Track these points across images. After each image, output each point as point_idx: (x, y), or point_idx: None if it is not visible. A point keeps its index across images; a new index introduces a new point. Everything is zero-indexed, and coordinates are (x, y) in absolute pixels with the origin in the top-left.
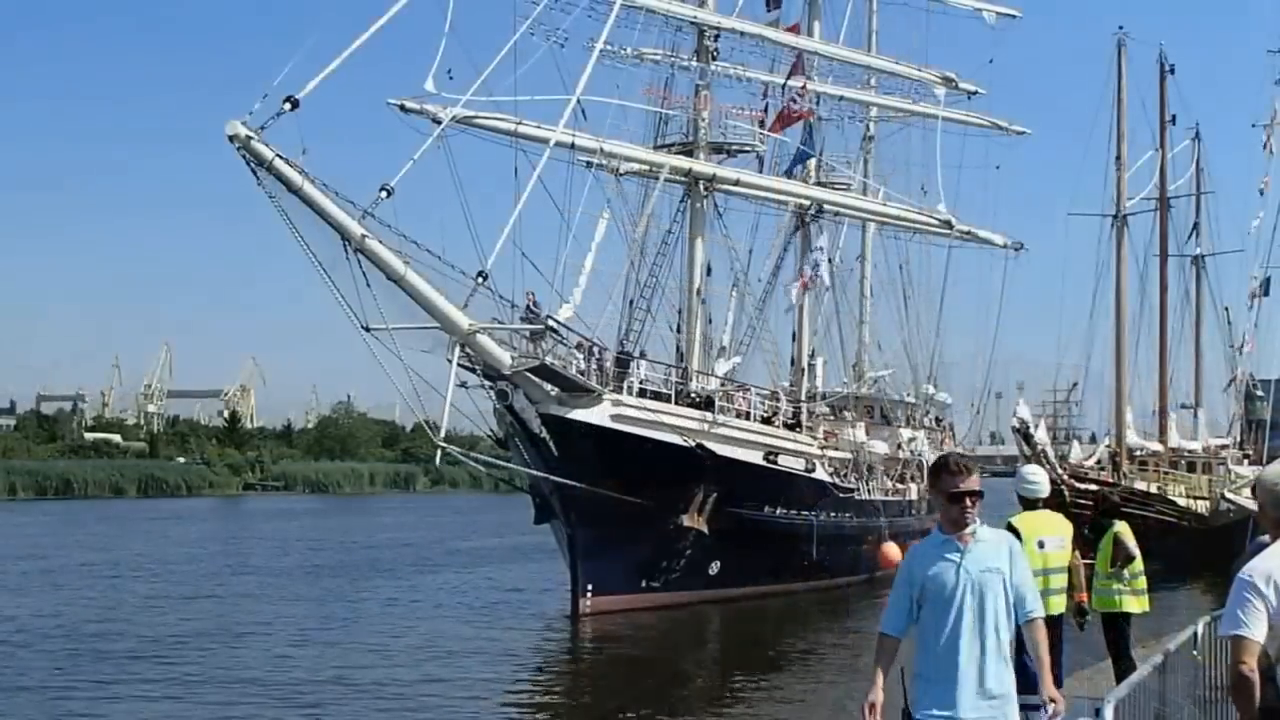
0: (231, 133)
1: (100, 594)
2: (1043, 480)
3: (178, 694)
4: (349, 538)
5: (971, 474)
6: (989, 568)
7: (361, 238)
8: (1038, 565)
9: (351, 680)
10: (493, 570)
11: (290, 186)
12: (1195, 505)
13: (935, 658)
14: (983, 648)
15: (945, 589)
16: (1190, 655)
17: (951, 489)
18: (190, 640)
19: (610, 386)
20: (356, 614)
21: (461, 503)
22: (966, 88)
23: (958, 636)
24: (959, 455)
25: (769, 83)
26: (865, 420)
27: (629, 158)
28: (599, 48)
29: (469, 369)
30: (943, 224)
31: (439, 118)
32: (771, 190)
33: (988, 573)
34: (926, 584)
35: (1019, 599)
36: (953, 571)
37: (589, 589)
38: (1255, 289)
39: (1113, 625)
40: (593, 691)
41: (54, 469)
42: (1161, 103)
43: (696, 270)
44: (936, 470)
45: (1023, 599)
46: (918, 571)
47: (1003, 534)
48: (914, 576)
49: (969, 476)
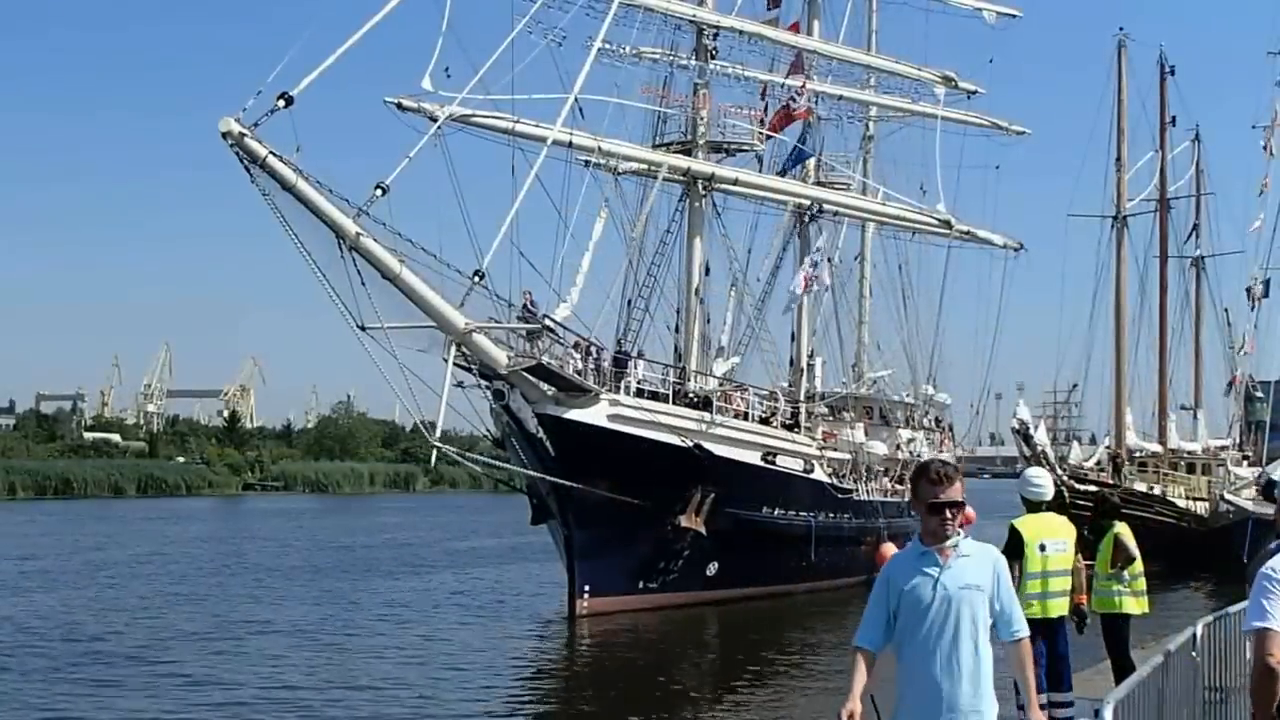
0: (224, 129)
1: (98, 594)
2: (1047, 482)
3: (172, 696)
4: (347, 538)
5: (954, 483)
6: (969, 584)
7: (356, 236)
8: (1039, 568)
9: (347, 681)
10: (490, 570)
11: (284, 184)
12: (1194, 506)
13: (909, 675)
14: (959, 668)
15: (921, 604)
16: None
17: (931, 499)
18: (186, 641)
19: (608, 386)
20: (353, 615)
21: (461, 503)
22: (966, 87)
23: (931, 655)
24: (941, 462)
25: (768, 82)
26: (864, 421)
27: (627, 156)
28: (597, 46)
29: (465, 369)
30: (942, 224)
31: (436, 116)
32: (770, 190)
33: (968, 589)
34: (903, 598)
35: (1004, 618)
36: (930, 587)
37: (586, 590)
38: (1256, 290)
39: (1112, 626)
40: (589, 694)
41: (53, 468)
42: (1161, 104)
43: (695, 270)
44: (916, 477)
45: (1008, 618)
46: (895, 583)
47: (987, 548)
48: (891, 588)
49: (950, 486)
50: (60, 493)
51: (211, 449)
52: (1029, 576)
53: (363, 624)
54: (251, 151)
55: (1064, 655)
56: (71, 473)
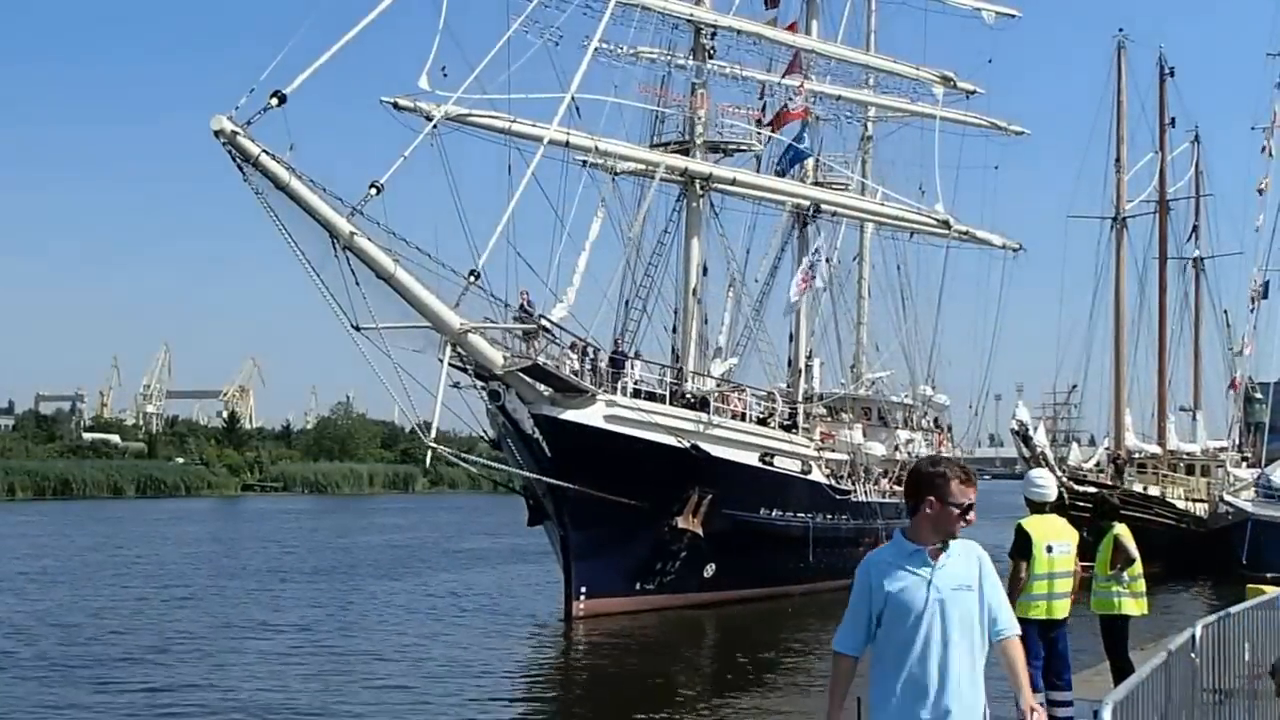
0: (217, 127)
1: (96, 595)
2: (1051, 484)
3: (168, 697)
4: (345, 539)
5: (974, 485)
6: (961, 584)
7: (350, 235)
8: (1045, 569)
9: (342, 683)
10: (488, 572)
11: (277, 183)
12: (1194, 508)
13: (900, 681)
14: (953, 672)
15: (914, 608)
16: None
17: (962, 500)
18: (182, 642)
19: (604, 387)
20: (349, 616)
21: (461, 503)
22: (965, 87)
23: (927, 660)
24: (964, 463)
25: (766, 82)
26: (862, 422)
27: (624, 156)
28: (594, 45)
29: (461, 369)
30: (940, 224)
31: (433, 116)
32: (768, 190)
33: (960, 590)
34: (890, 601)
35: (993, 616)
36: (923, 588)
37: (582, 591)
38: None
39: (1111, 628)
40: (584, 696)
41: (52, 469)
42: (1161, 105)
43: (692, 270)
44: (940, 478)
45: (996, 616)
46: (880, 585)
47: (970, 545)
48: (875, 590)
49: (972, 487)
50: (59, 493)
51: (211, 450)
52: (1036, 577)
53: (358, 625)
54: (244, 150)
55: (1064, 655)
56: (70, 473)
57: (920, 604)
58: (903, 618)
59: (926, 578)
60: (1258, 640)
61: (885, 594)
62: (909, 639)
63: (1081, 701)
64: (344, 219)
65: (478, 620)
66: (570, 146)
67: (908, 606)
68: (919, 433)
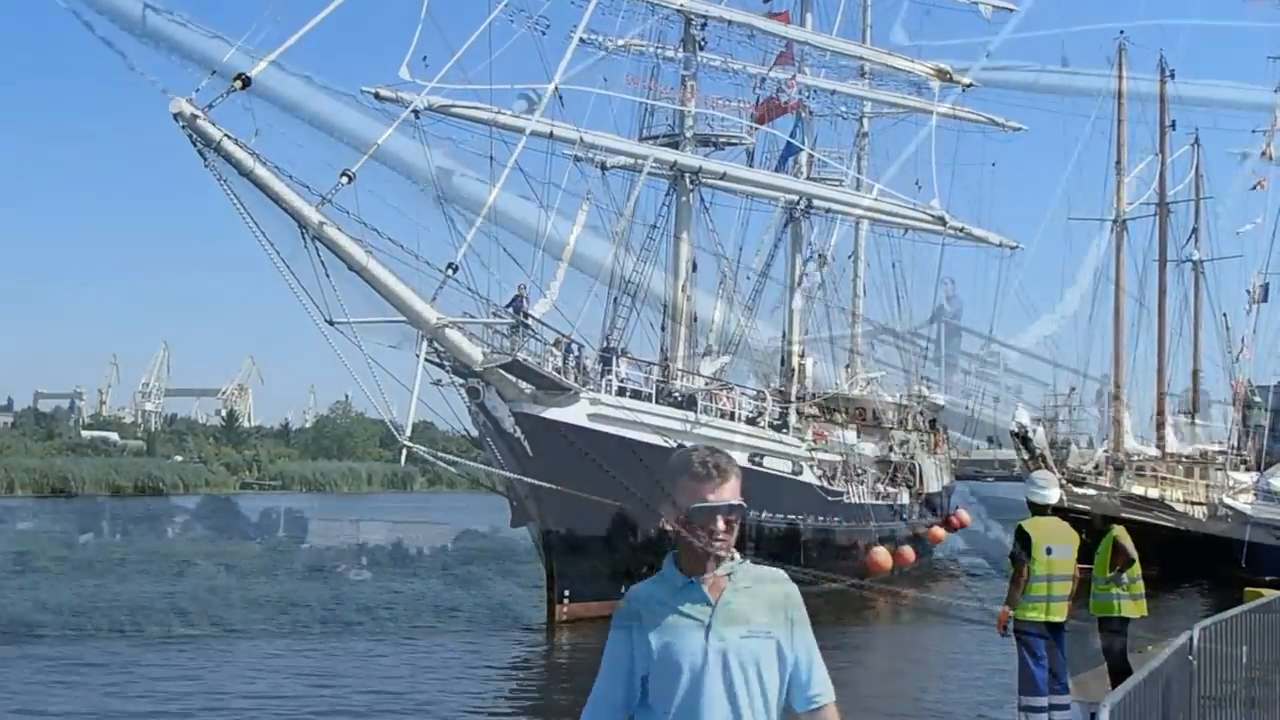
0: (176, 110)
1: (95, 594)
2: (1052, 486)
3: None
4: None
5: (728, 480)
6: (754, 630)
7: (319, 225)
8: (1045, 571)
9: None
10: (475, 573)
11: (240, 169)
12: (1193, 510)
13: None
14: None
15: (684, 663)
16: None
17: (696, 502)
18: (176, 642)
19: (588, 385)
20: (333, 618)
21: (461, 502)
22: (962, 81)
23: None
24: (709, 451)
25: (758, 74)
26: (856, 422)
27: (610, 149)
28: (579, 34)
29: (439, 365)
30: (936, 220)
31: (415, 106)
32: (760, 184)
33: (751, 638)
34: (657, 654)
35: (803, 677)
36: (698, 636)
37: (565, 595)
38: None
39: (1109, 629)
40: (566, 704)
41: (51, 467)
42: (1161, 107)
43: (682, 266)
44: (675, 472)
45: (805, 680)
46: (643, 634)
47: (777, 574)
48: (637, 642)
49: (724, 482)
50: (58, 491)
51: (209, 448)
52: (1035, 579)
53: (341, 627)
54: (205, 134)
55: (1061, 658)
56: (69, 471)
57: (695, 659)
58: (671, 679)
59: (704, 621)
60: (1255, 644)
61: (650, 648)
62: (681, 709)
63: (1079, 704)
64: (313, 208)
65: (459, 623)
66: (555, 138)
67: (677, 661)
68: (914, 434)
